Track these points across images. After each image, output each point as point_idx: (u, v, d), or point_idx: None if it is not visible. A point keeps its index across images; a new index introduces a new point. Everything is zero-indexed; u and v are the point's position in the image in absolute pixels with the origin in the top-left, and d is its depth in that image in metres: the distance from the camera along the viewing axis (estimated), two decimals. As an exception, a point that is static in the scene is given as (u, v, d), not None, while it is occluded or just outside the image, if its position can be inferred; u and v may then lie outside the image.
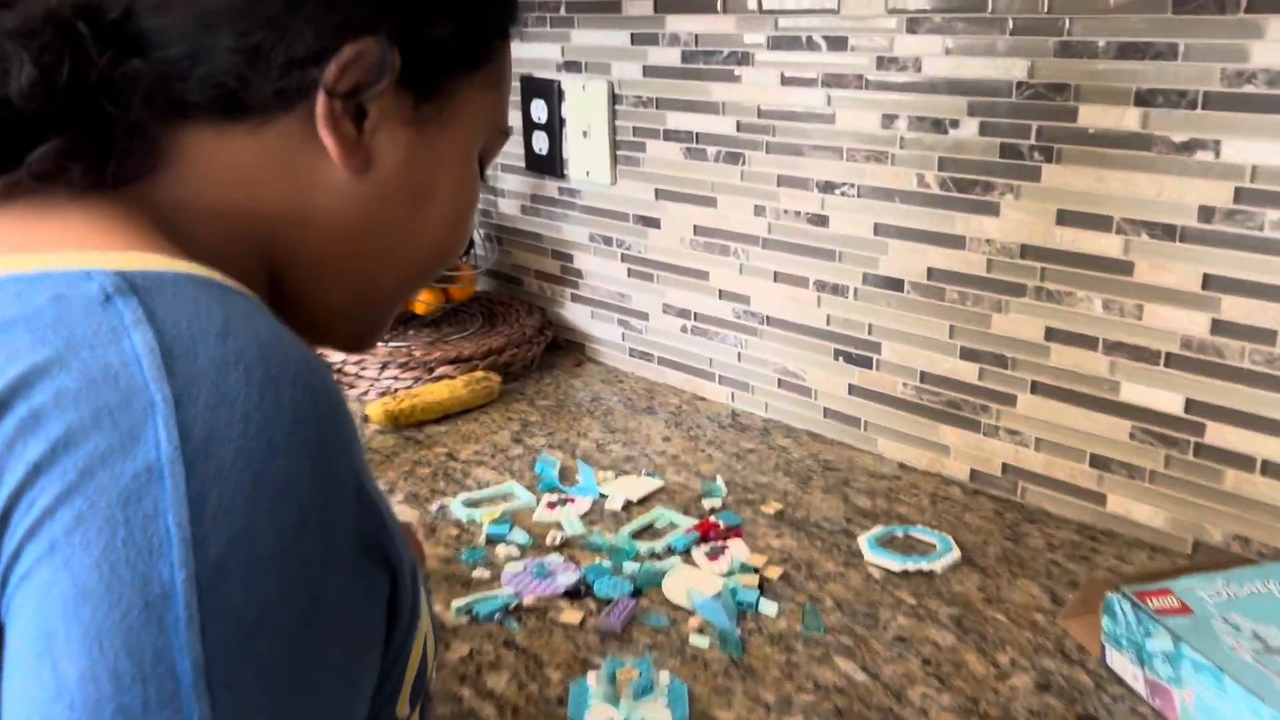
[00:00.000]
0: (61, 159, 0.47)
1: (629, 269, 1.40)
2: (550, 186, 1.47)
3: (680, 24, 1.23)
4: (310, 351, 0.44)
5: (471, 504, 1.07)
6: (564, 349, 1.51)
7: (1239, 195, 0.86)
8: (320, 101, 0.49)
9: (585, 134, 1.37)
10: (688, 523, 1.02)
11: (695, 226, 1.29)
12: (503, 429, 1.26)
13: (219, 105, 0.49)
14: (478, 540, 1.00)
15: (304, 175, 0.51)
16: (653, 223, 1.35)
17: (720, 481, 1.11)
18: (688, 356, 1.36)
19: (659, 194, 1.32)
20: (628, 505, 1.06)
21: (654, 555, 0.96)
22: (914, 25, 1.02)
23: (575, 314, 1.50)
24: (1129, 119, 0.91)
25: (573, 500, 1.07)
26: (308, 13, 0.49)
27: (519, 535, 1.00)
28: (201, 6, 0.48)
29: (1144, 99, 0.89)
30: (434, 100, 0.54)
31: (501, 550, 0.98)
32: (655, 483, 1.10)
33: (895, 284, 1.11)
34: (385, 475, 1.14)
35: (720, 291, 1.29)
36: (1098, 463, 1.00)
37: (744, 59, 1.18)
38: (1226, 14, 0.83)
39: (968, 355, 1.07)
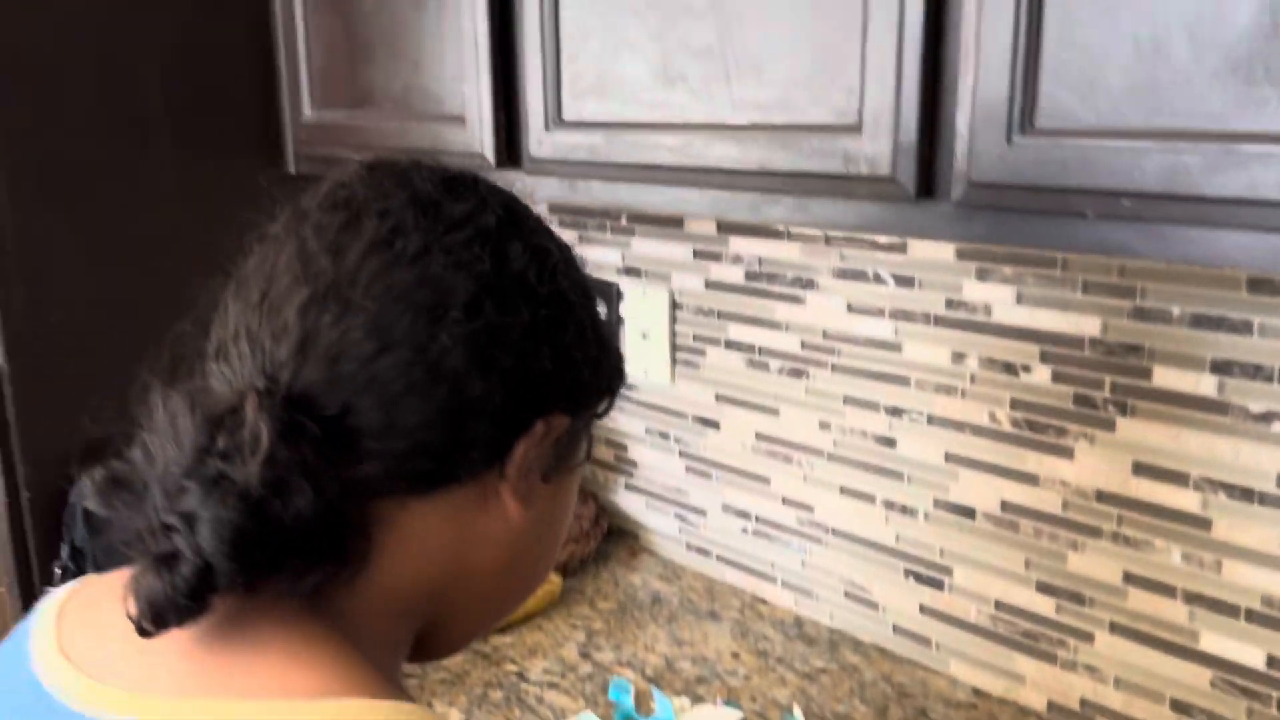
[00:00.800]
0: (326, 584, 0.48)
1: (686, 465, 1.42)
2: (606, 380, 1.49)
3: (744, 246, 1.27)
4: None
5: (552, 741, 1.07)
6: (617, 535, 1.52)
7: (1319, 467, 0.89)
8: (513, 473, 0.52)
9: (644, 336, 1.40)
10: (773, 767, 1.02)
11: (757, 433, 1.32)
12: (569, 639, 1.26)
13: (412, 486, 0.51)
14: (564, 789, 1.00)
15: (469, 531, 0.53)
16: (712, 424, 1.37)
17: (798, 712, 1.11)
18: (748, 557, 1.37)
19: (719, 398, 1.35)
20: (709, 744, 1.06)
21: (744, 810, 0.97)
22: (984, 274, 1.06)
23: (629, 502, 1.52)
24: (1205, 385, 0.93)
25: (653, 736, 1.07)
26: (524, 403, 0.51)
27: (606, 784, 1.00)
28: (436, 405, 0.49)
29: (1219, 367, 0.92)
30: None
31: (591, 804, 0.98)
32: (734, 716, 1.11)
33: (967, 511, 1.13)
34: (458, 701, 1.14)
35: (783, 498, 1.31)
36: (1179, 707, 1.01)
37: (809, 284, 1.21)
38: (1302, 300, 0.87)
39: (1044, 589, 1.08)
